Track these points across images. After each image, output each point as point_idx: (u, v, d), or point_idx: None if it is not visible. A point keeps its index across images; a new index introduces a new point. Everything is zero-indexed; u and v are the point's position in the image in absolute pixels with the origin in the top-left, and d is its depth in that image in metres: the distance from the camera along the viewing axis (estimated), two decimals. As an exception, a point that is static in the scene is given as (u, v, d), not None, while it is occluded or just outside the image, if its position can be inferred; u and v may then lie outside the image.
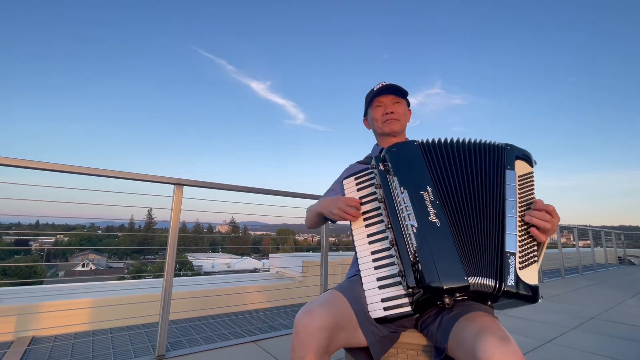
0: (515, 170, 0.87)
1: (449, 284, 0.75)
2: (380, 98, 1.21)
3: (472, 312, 0.81)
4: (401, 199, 0.85)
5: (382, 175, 0.92)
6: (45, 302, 2.57)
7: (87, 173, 1.87)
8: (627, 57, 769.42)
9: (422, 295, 0.79)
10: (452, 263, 0.77)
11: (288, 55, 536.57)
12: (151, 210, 29.50)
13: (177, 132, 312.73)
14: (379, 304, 0.84)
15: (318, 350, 0.77)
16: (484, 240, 0.81)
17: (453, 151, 0.92)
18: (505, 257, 0.77)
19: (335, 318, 0.80)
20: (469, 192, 0.87)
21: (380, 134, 1.24)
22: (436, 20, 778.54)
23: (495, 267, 0.77)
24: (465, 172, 0.89)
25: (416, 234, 0.80)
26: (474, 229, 0.83)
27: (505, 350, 0.66)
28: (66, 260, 51.50)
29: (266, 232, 69.88)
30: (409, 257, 0.80)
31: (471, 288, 0.76)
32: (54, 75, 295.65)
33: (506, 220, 0.81)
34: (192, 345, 2.15)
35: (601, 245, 8.58)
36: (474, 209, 0.85)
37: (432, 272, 0.76)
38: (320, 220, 1.18)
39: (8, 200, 1.98)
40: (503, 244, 0.78)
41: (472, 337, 0.72)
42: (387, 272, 0.87)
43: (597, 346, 2.29)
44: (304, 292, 3.85)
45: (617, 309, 3.46)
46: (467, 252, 0.80)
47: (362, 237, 0.96)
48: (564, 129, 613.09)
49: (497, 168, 0.88)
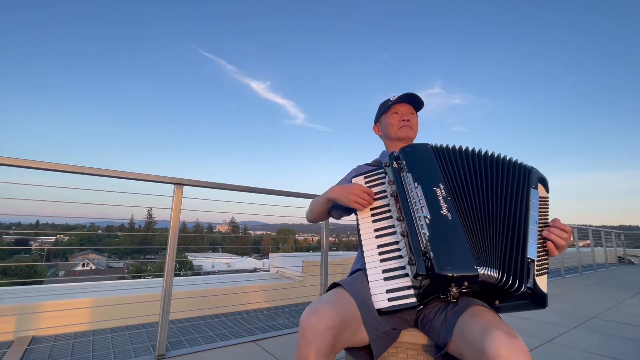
0: (537, 190, 0.94)
1: (459, 272, 0.78)
2: (398, 106, 1.29)
3: (476, 306, 0.83)
4: (414, 193, 0.90)
5: (395, 173, 0.97)
6: (46, 301, 2.57)
7: (87, 173, 1.87)
8: (627, 57, 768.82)
9: (429, 284, 0.81)
10: (463, 253, 0.81)
11: (288, 55, 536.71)
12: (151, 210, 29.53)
13: (177, 131, 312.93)
14: (384, 295, 0.86)
15: (324, 350, 0.78)
16: (498, 240, 0.86)
17: (463, 157, 0.98)
18: (526, 261, 0.82)
19: (341, 317, 0.81)
20: (481, 194, 0.92)
21: (395, 138, 1.30)
22: (436, 20, 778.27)
23: (516, 266, 0.82)
24: (481, 178, 0.94)
25: (429, 225, 0.84)
26: (486, 227, 0.88)
27: (512, 344, 0.68)
28: (66, 260, 51.52)
29: (266, 231, 69.96)
30: (420, 246, 0.83)
31: (479, 278, 0.80)
32: (53, 74, 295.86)
33: (529, 230, 0.86)
34: (192, 344, 2.15)
35: (601, 245, 8.57)
36: (489, 211, 0.90)
37: (444, 260, 0.79)
38: (325, 211, 1.20)
39: (8, 200, 1.98)
40: (525, 250, 0.84)
41: (479, 332, 0.73)
42: (393, 264, 0.91)
43: (598, 346, 2.30)
44: (304, 291, 3.85)
45: (617, 309, 3.46)
46: (477, 246, 0.84)
47: (369, 231, 0.99)
48: (564, 129, 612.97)
49: (523, 184, 0.94)
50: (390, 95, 1.33)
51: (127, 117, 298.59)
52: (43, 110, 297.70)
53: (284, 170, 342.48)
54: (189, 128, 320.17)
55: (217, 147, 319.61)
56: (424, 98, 1.30)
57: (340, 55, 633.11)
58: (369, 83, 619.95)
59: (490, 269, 0.81)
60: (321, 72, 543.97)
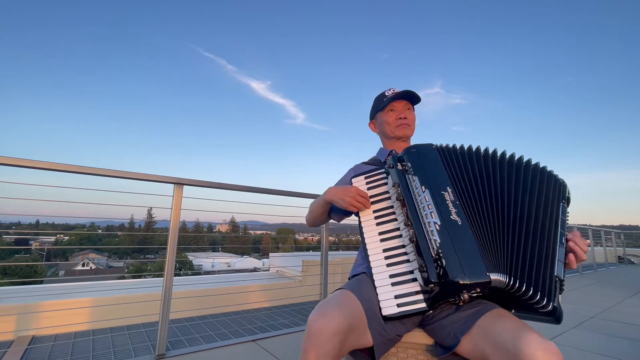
0: (567, 206, 0.90)
1: (472, 280, 0.77)
2: (394, 103, 1.24)
3: (498, 308, 0.82)
4: (422, 198, 0.87)
5: (400, 175, 0.95)
6: (46, 301, 2.58)
7: (87, 172, 1.87)
8: (627, 56, 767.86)
9: (439, 291, 0.80)
10: (475, 260, 0.79)
11: (288, 54, 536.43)
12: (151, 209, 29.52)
13: (177, 131, 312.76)
14: (393, 301, 0.85)
15: (331, 354, 0.76)
16: (520, 249, 0.82)
17: (478, 160, 0.93)
18: (554, 279, 0.79)
19: (349, 321, 0.79)
20: (499, 200, 0.87)
21: (392, 137, 1.25)
22: (436, 19, 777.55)
23: (544, 282, 0.78)
24: (495, 181, 0.90)
25: (439, 231, 0.82)
26: (500, 233, 0.84)
27: (548, 347, 0.68)
28: (66, 259, 51.55)
29: (266, 231, 69.90)
30: (431, 253, 0.81)
31: (492, 284, 0.78)
32: (52, 74, 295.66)
33: (557, 247, 0.82)
34: (192, 344, 2.15)
35: (601, 245, 8.58)
36: (504, 217, 0.86)
37: (457, 268, 0.77)
38: (324, 213, 1.17)
39: (8, 200, 1.98)
40: (554, 267, 0.80)
41: (510, 333, 0.73)
42: (401, 269, 0.88)
43: (597, 345, 2.30)
44: (304, 291, 3.86)
45: (617, 308, 3.46)
46: (489, 252, 0.82)
47: (373, 234, 0.97)
48: (564, 128, 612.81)
49: (557, 198, 0.89)
50: (386, 89, 1.28)
51: (127, 117, 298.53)
52: (43, 109, 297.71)
53: (284, 169, 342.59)
54: (189, 128, 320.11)
55: (217, 147, 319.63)
56: (423, 97, 1.26)
57: (340, 55, 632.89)
58: (369, 83, 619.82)
59: (503, 275, 0.79)
60: (321, 72, 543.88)
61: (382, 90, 1.31)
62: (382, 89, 1.33)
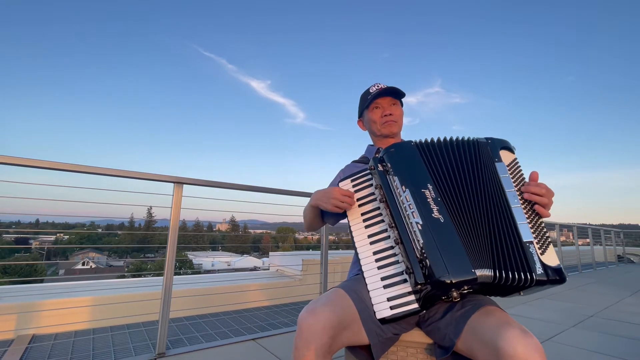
0: (503, 161, 0.89)
1: (458, 278, 0.76)
2: (378, 100, 1.22)
3: (486, 306, 0.83)
4: (403, 198, 0.86)
5: (381, 176, 0.93)
6: (46, 300, 2.58)
7: (87, 171, 1.87)
8: (627, 56, 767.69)
9: (429, 291, 0.80)
10: (459, 257, 0.78)
11: (288, 54, 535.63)
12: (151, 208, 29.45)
13: (177, 130, 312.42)
14: (385, 304, 0.84)
15: (321, 350, 0.77)
16: (491, 235, 0.83)
17: (448, 150, 0.93)
18: (526, 248, 0.78)
19: (339, 317, 0.81)
20: (467, 188, 0.88)
21: (379, 135, 1.24)
22: (436, 19, 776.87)
23: (518, 259, 0.78)
24: (461, 169, 0.90)
25: (421, 231, 0.81)
26: (478, 223, 0.85)
27: (527, 342, 0.68)
28: (66, 258, 51.49)
29: (266, 230, 69.91)
30: (415, 254, 0.81)
31: (479, 280, 0.78)
32: (52, 72, 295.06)
33: (513, 211, 0.82)
34: (192, 343, 2.15)
35: (600, 244, 8.59)
36: (475, 204, 0.86)
37: (441, 267, 0.77)
38: (316, 217, 1.17)
39: (8, 199, 1.98)
40: (519, 235, 0.80)
41: (493, 330, 0.73)
42: (391, 271, 0.88)
43: (596, 344, 2.30)
44: (303, 290, 3.86)
45: (616, 307, 3.47)
46: (472, 246, 0.82)
47: (362, 237, 0.96)
48: (564, 127, 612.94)
49: (487, 163, 0.90)
50: (370, 85, 1.26)
51: (127, 116, 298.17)
52: (43, 108, 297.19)
53: (284, 169, 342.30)
54: (189, 127, 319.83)
55: (217, 146, 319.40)
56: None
57: (340, 54, 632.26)
58: (369, 82, 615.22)
59: (488, 269, 0.79)
60: (321, 72, 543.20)
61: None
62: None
